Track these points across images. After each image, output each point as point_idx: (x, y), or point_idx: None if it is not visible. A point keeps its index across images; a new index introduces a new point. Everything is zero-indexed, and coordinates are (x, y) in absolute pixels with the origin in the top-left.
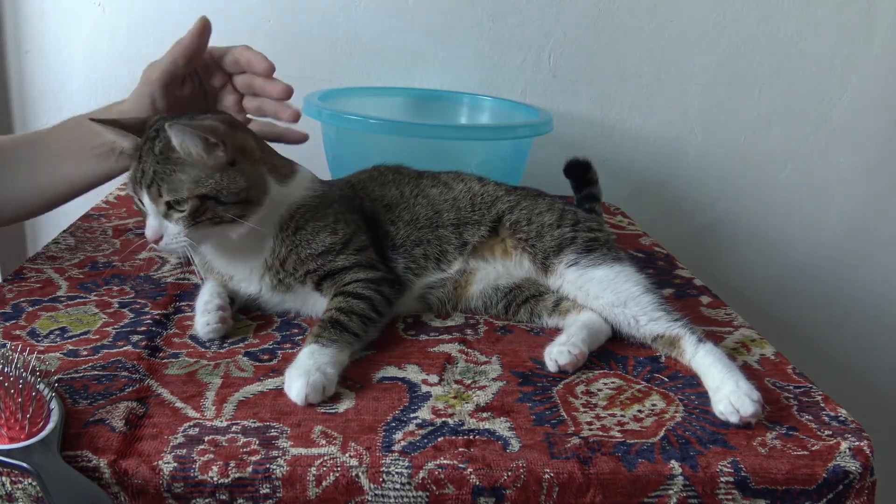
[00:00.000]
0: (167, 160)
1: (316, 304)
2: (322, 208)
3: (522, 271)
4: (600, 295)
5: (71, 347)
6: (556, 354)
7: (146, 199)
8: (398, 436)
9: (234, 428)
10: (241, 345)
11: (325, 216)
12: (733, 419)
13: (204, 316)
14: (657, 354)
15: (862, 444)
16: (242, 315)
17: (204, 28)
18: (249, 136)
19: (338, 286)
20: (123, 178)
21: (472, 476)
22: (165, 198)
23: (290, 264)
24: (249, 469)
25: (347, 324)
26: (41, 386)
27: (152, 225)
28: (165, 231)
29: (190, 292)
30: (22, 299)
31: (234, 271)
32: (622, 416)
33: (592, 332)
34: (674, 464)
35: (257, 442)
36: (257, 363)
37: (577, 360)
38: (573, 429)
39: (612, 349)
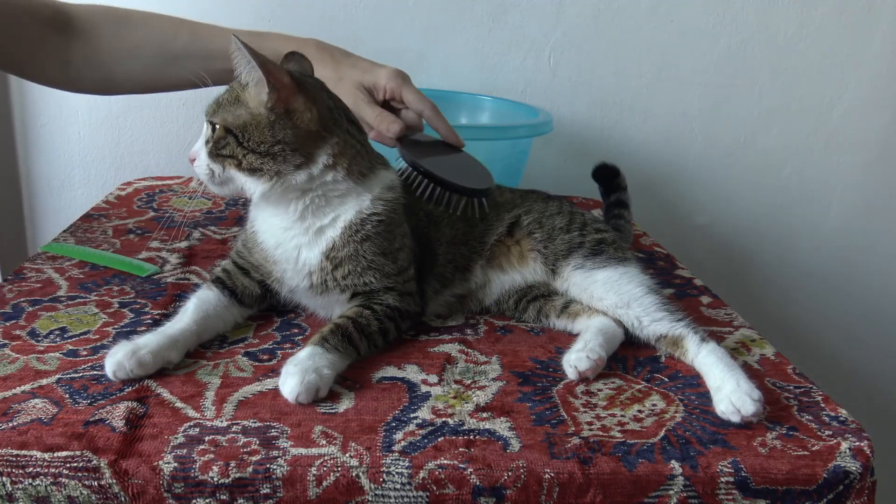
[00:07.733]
0: (233, 88)
1: (341, 309)
2: (393, 227)
3: (537, 277)
4: (604, 297)
5: (71, 347)
6: (576, 361)
7: (206, 117)
8: (398, 436)
9: (234, 428)
10: (240, 345)
11: (393, 238)
12: (734, 419)
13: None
14: (657, 354)
15: (862, 444)
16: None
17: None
18: (312, 108)
19: (365, 299)
20: (124, 177)
21: (473, 476)
22: (208, 117)
23: (341, 271)
24: (250, 469)
25: (357, 341)
26: None
27: (196, 145)
28: (198, 154)
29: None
30: (22, 299)
31: (280, 256)
32: (622, 416)
33: (608, 337)
34: (674, 464)
35: (257, 442)
36: (256, 363)
37: (597, 366)
38: (573, 429)
39: None
